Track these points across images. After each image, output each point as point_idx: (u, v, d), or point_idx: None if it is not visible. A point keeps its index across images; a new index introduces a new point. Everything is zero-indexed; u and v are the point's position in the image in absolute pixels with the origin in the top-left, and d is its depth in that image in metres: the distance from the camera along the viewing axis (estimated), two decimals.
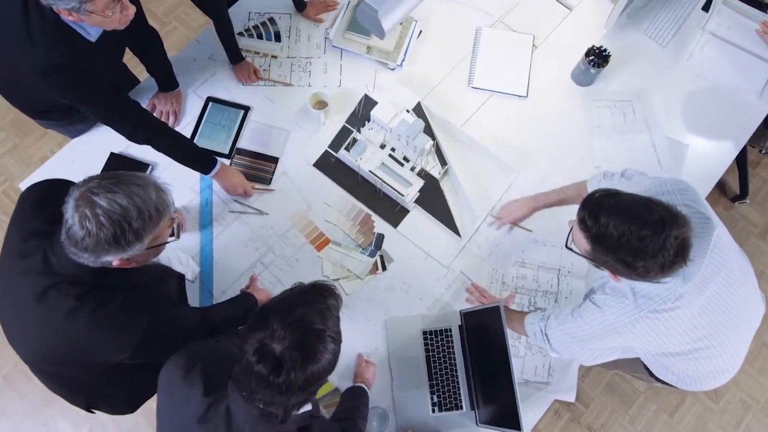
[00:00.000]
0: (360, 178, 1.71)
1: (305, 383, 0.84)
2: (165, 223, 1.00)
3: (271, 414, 0.86)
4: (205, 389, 0.94)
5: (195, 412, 0.93)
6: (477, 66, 1.85)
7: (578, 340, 1.21)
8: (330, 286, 0.96)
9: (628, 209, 1.01)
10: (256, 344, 0.83)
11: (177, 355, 1.00)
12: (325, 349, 0.86)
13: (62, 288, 0.98)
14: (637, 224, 0.98)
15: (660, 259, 0.98)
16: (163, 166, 1.71)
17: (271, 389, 0.83)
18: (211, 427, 0.92)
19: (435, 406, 1.49)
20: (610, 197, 1.05)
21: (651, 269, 0.99)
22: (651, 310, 1.10)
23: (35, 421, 2.13)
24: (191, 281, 1.55)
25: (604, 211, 1.01)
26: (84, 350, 1.03)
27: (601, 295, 1.18)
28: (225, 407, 0.92)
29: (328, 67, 1.85)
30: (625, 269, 1.02)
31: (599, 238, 1.02)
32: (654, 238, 0.97)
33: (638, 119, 1.82)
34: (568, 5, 1.97)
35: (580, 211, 1.06)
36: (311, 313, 0.88)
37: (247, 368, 0.83)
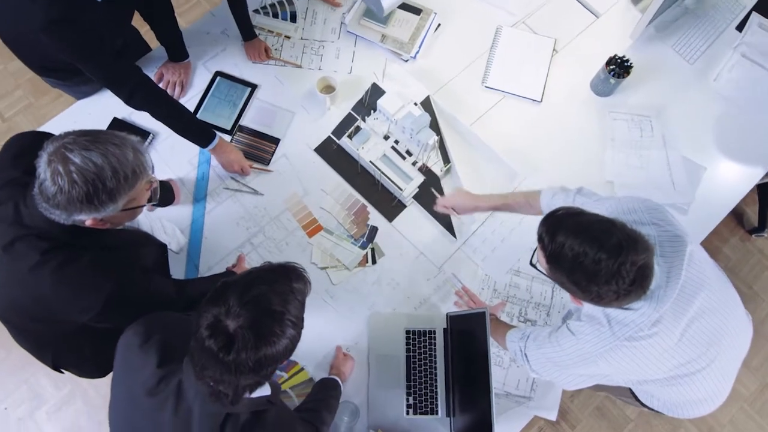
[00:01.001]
0: (360, 168, 1.67)
1: (256, 365, 0.80)
2: (142, 186, 0.98)
3: (221, 393, 0.83)
4: (160, 361, 0.91)
5: (146, 382, 0.90)
6: (493, 65, 1.80)
7: (557, 365, 1.16)
8: (298, 269, 0.92)
9: (587, 230, 0.96)
10: (210, 319, 0.80)
11: (137, 323, 0.97)
12: (282, 333, 0.83)
13: (30, 241, 0.96)
14: (593, 247, 0.93)
15: (614, 286, 0.93)
16: (164, 136, 1.70)
17: (220, 367, 0.79)
18: (161, 399, 0.89)
19: (410, 408, 1.45)
20: (571, 216, 1.00)
21: (605, 295, 0.95)
22: (627, 337, 1.04)
23: (17, 377, 2.14)
24: (176, 252, 1.53)
25: (563, 231, 0.97)
26: (47, 307, 1.01)
27: (576, 322, 1.12)
28: (177, 381, 0.89)
29: (341, 53, 1.82)
30: (579, 292, 0.98)
31: (554, 258, 0.98)
32: (608, 262, 0.92)
33: (655, 136, 1.74)
34: (595, 12, 1.90)
35: (540, 227, 1.02)
36: (272, 293, 0.84)
37: (199, 343, 0.80)
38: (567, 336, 1.12)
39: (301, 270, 0.92)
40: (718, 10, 1.89)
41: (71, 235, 0.96)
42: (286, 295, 0.85)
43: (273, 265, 0.91)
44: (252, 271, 0.89)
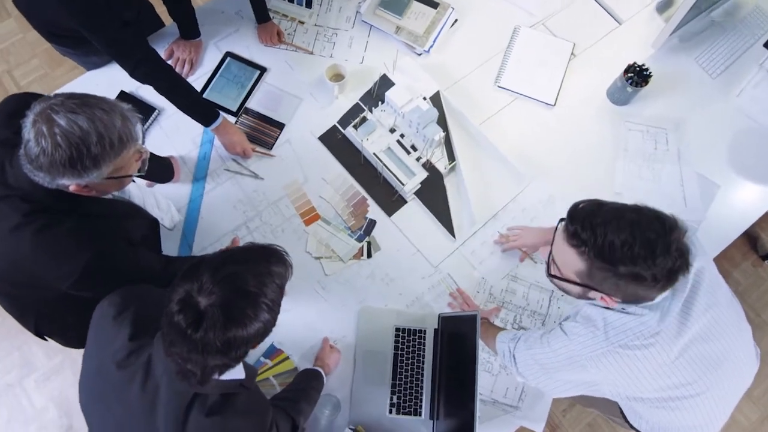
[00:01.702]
0: (363, 159, 1.64)
1: (224, 346, 0.77)
2: (130, 155, 0.96)
3: (188, 372, 0.80)
4: (132, 334, 0.89)
5: (116, 354, 0.88)
6: (507, 66, 1.76)
7: (543, 368, 1.11)
8: (280, 252, 0.89)
9: (623, 215, 0.91)
10: (182, 294, 0.78)
11: (114, 293, 0.95)
12: (255, 316, 0.80)
13: (12, 202, 0.95)
14: (638, 229, 0.89)
15: (667, 263, 0.88)
16: (169, 113, 1.68)
17: (187, 344, 0.77)
18: (130, 373, 0.87)
19: (393, 407, 1.41)
20: (598, 205, 0.95)
21: (660, 276, 0.89)
22: (621, 344, 0.99)
23: (10, 344, 2.15)
24: (169, 229, 1.52)
25: (598, 219, 0.91)
26: (26, 271, 1.00)
27: (570, 323, 1.07)
28: (147, 356, 0.87)
29: (354, 42, 1.79)
30: (630, 283, 0.91)
31: (599, 251, 0.90)
32: (659, 240, 0.88)
33: (670, 149, 1.68)
34: (618, 18, 1.85)
35: (569, 225, 0.95)
36: (248, 274, 0.81)
37: (168, 317, 0.78)
38: (559, 336, 1.07)
39: (283, 253, 0.90)
40: (746, 25, 1.82)
41: (55, 199, 0.95)
42: (263, 277, 0.82)
43: (254, 246, 0.89)
44: (231, 249, 0.87)
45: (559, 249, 0.99)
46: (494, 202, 1.61)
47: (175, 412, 0.85)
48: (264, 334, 0.84)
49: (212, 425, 0.85)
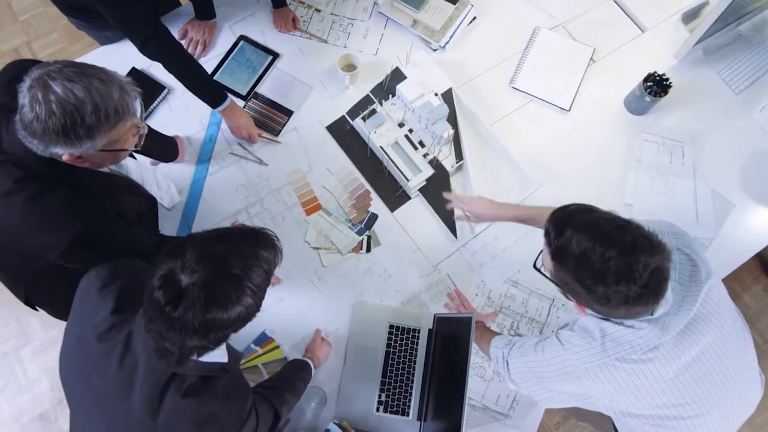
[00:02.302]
0: (369, 152, 1.61)
1: (203, 327, 0.75)
2: (126, 129, 0.94)
3: (166, 350, 0.78)
4: (115, 307, 0.88)
5: (97, 327, 0.87)
6: (524, 67, 1.72)
7: (536, 376, 1.08)
8: (270, 236, 0.87)
9: (598, 226, 0.89)
10: (164, 270, 0.76)
11: (102, 266, 0.94)
12: (237, 300, 0.78)
13: (6, 167, 0.94)
14: (602, 243, 0.86)
15: (623, 287, 0.85)
16: (179, 93, 1.67)
17: (164, 321, 0.75)
18: (109, 347, 0.85)
19: (380, 405, 1.39)
20: (583, 212, 0.93)
21: (612, 297, 0.87)
22: (618, 357, 0.95)
23: (9, 313, 2.16)
24: (167, 209, 1.50)
25: (572, 225, 0.90)
26: (16, 238, 0.99)
27: (567, 332, 1.04)
28: (128, 331, 0.85)
29: (369, 33, 1.76)
30: (584, 293, 0.90)
31: (560, 253, 0.91)
32: (619, 260, 0.85)
33: (686, 163, 1.63)
34: (642, 26, 1.80)
35: (547, 222, 0.95)
36: (234, 255, 0.79)
37: (149, 293, 0.76)
38: (554, 345, 1.04)
39: (273, 238, 0.87)
40: None
41: (48, 167, 0.94)
42: (249, 260, 0.80)
43: (244, 228, 0.87)
44: (221, 228, 0.85)
45: (544, 246, 0.98)
46: None
47: (151, 390, 0.83)
48: (246, 319, 0.82)
49: (187, 407, 0.84)
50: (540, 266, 1.03)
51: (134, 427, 0.85)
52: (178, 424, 0.84)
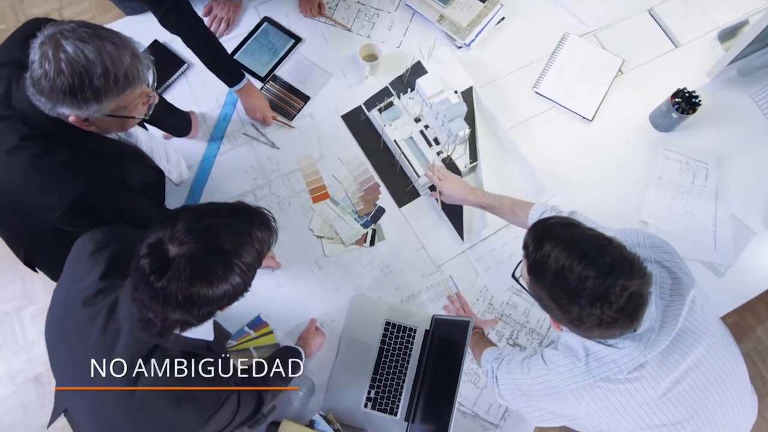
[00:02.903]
0: (382, 145, 1.59)
1: (186, 301, 0.74)
2: (135, 96, 0.93)
3: (150, 321, 0.77)
4: (105, 272, 0.86)
5: (85, 291, 0.86)
6: (549, 72, 1.68)
7: (525, 394, 1.04)
8: (267, 216, 0.85)
9: (577, 243, 0.85)
10: (154, 238, 0.74)
11: (98, 230, 0.93)
12: (225, 277, 0.76)
13: (13, 123, 0.93)
14: (580, 261, 0.82)
15: (597, 310, 0.81)
16: (198, 69, 1.66)
17: (148, 290, 0.73)
18: (94, 312, 0.84)
19: (369, 402, 1.36)
20: (563, 226, 0.89)
21: (586, 319, 0.83)
22: (603, 377, 0.91)
23: (14, 273, 2.18)
24: (175, 184, 1.49)
25: (551, 240, 0.86)
26: (18, 196, 0.98)
27: (551, 351, 1.00)
28: (114, 298, 0.84)
29: (394, 25, 1.73)
30: (558, 312, 0.86)
31: (536, 268, 0.87)
32: (595, 281, 0.81)
33: (708, 186, 1.58)
34: (676, 41, 1.74)
35: (527, 234, 0.92)
36: (226, 230, 0.77)
37: (136, 260, 0.74)
38: (539, 364, 1.01)
39: (270, 218, 0.85)
40: None
41: (55, 127, 0.93)
42: (241, 238, 0.78)
43: (241, 204, 0.85)
44: (216, 203, 0.83)
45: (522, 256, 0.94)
46: None
47: (132, 359, 0.82)
48: (232, 297, 0.80)
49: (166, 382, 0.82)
50: (519, 276, 1.00)
51: (112, 398, 0.83)
52: (155, 399, 0.82)
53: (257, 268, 0.82)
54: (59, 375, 0.93)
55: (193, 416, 0.84)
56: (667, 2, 1.78)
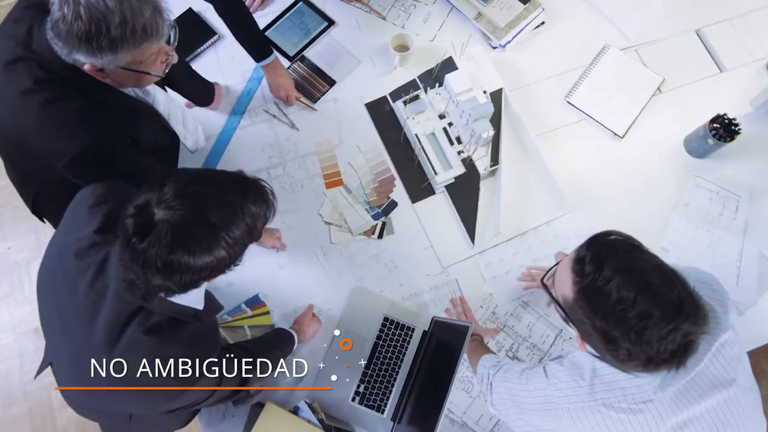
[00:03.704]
0: (403, 138, 1.55)
1: (166, 267, 0.71)
2: (153, 51, 0.91)
3: (134, 283, 0.75)
4: (101, 227, 0.85)
5: (78, 243, 0.84)
6: (584, 83, 1.62)
7: (517, 406, 0.99)
8: (264, 188, 0.81)
9: (645, 274, 0.77)
10: (142, 200, 0.72)
11: (101, 184, 0.92)
12: (208, 249, 0.73)
13: (29, 65, 0.92)
14: (647, 297, 0.75)
15: (651, 351, 0.75)
16: (228, 41, 1.65)
17: (129, 251, 0.72)
18: (84, 265, 0.83)
19: (357, 396, 1.33)
20: (629, 247, 0.82)
21: (634, 357, 0.76)
22: (606, 403, 0.86)
23: (30, 225, 2.20)
24: (190, 151, 1.48)
25: (614, 262, 0.78)
26: (29, 140, 0.97)
27: (555, 365, 0.95)
28: (106, 253, 0.82)
29: (431, 18, 1.70)
30: (601, 342, 0.79)
31: (590, 293, 0.79)
32: (660, 323, 0.74)
33: (738, 219, 1.50)
34: (721, 65, 1.66)
35: (583, 249, 0.83)
36: (214, 200, 0.74)
37: (122, 219, 0.73)
38: (539, 377, 0.96)
39: (267, 191, 0.82)
40: None
41: (70, 74, 0.92)
42: (231, 210, 0.75)
43: (238, 174, 0.81)
44: (210, 169, 0.80)
45: (564, 266, 0.87)
46: (527, 220, 1.49)
47: (115, 318, 0.80)
48: (216, 269, 0.77)
49: (146, 343, 0.80)
50: (549, 283, 0.93)
51: (90, 352, 0.82)
52: (133, 360, 0.80)
53: (248, 242, 0.79)
54: (45, 325, 0.92)
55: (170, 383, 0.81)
56: (716, 24, 1.70)
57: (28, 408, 2.03)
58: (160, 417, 1.09)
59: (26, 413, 2.03)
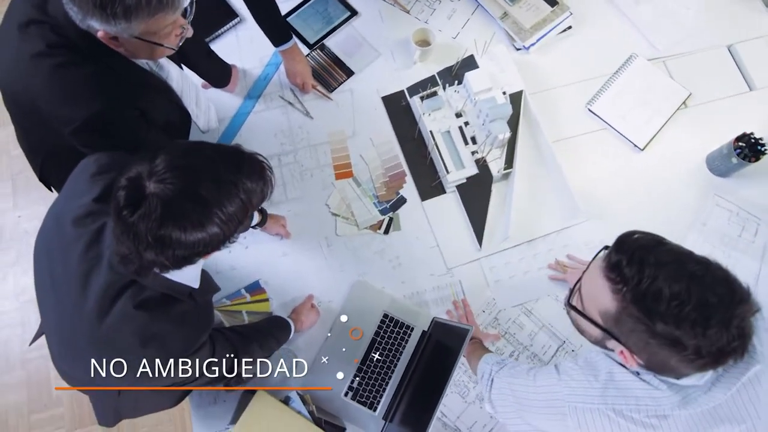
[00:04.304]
0: (417, 133, 1.53)
1: (157, 241, 0.70)
2: (167, 23, 0.89)
3: (127, 257, 0.73)
4: (99, 196, 0.84)
5: (76, 210, 0.83)
6: (607, 92, 1.58)
7: (518, 402, 0.96)
8: (259, 164, 0.79)
9: (684, 264, 0.73)
10: (134, 172, 0.70)
11: (106, 153, 0.91)
12: (200, 225, 0.71)
13: (42, 29, 0.91)
14: (698, 285, 0.71)
15: (722, 340, 0.70)
16: (248, 24, 1.64)
17: (120, 224, 0.70)
18: (79, 233, 0.82)
19: (350, 391, 1.31)
20: (657, 242, 0.77)
21: (704, 353, 0.71)
22: (616, 409, 0.81)
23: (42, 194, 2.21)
24: (202, 131, 1.47)
25: (652, 259, 0.73)
26: (38, 104, 0.96)
27: (568, 363, 0.91)
28: (102, 223, 0.81)
29: (455, 15, 1.67)
30: (664, 347, 0.73)
31: (640, 296, 0.73)
32: (719, 308, 0.70)
33: (756, 243, 1.45)
34: (752, 83, 1.61)
35: (613, 254, 0.77)
36: (208, 174, 0.72)
37: (114, 191, 0.71)
38: (549, 373, 0.92)
39: (264, 166, 0.79)
40: None
41: (84, 40, 0.91)
42: (225, 186, 0.73)
43: (231, 148, 0.79)
44: (205, 142, 0.78)
45: (592, 279, 0.81)
46: (537, 227, 1.45)
47: (107, 290, 0.79)
48: (210, 245, 0.75)
49: (136, 318, 0.78)
50: (578, 305, 0.86)
51: (80, 322, 0.81)
52: (122, 333, 0.79)
53: (243, 220, 0.77)
54: (39, 292, 0.91)
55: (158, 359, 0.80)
56: (749, 41, 1.65)
57: (26, 376, 2.05)
58: (147, 396, 1.08)
59: (23, 381, 2.04)
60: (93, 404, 1.13)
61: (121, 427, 1.98)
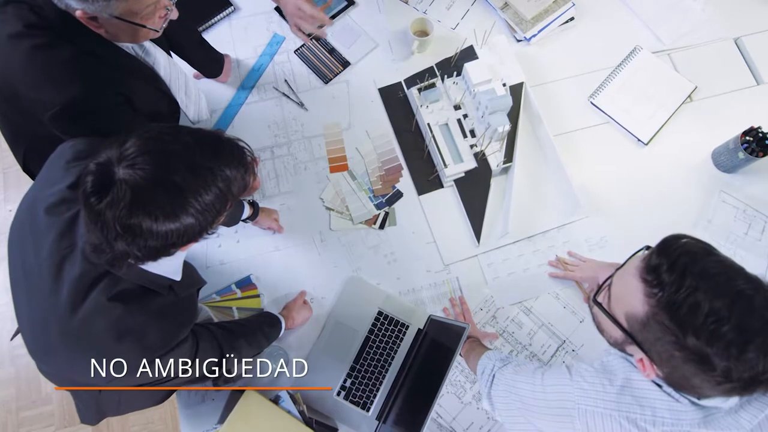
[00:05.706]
0: (414, 126, 1.48)
1: (126, 231, 0.65)
2: (150, 2, 0.85)
3: (98, 247, 0.69)
4: (74, 183, 0.79)
5: (49, 198, 0.79)
6: (610, 85, 1.53)
7: (522, 402, 0.91)
8: (239, 150, 0.74)
9: (732, 280, 0.67)
10: (103, 157, 0.66)
11: (82, 139, 0.86)
12: (173, 214, 0.66)
13: (21, 9, 0.87)
14: (742, 306, 0.65)
15: (757, 368, 0.65)
16: (243, 14, 1.60)
17: (87, 211, 0.66)
18: (52, 222, 0.77)
19: (343, 391, 1.27)
20: (706, 252, 0.71)
21: (734, 377, 0.66)
22: (629, 417, 0.76)
23: None
24: (191, 120, 1.43)
25: (697, 269, 0.68)
26: (16, 89, 0.92)
27: (582, 364, 0.86)
28: (76, 212, 0.76)
29: (454, 6, 1.63)
30: (690, 362, 0.68)
31: (675, 306, 0.68)
32: (762, 333, 0.65)
33: (763, 241, 1.41)
34: (759, 77, 1.57)
35: (655, 256, 0.72)
36: (182, 160, 0.67)
37: (83, 177, 0.67)
38: (560, 374, 0.87)
39: (245, 152, 0.75)
40: None
41: (62, 21, 0.87)
42: (202, 174, 0.68)
43: (210, 132, 0.74)
44: (182, 126, 0.73)
45: (625, 277, 0.76)
46: (537, 223, 1.41)
47: (80, 280, 0.74)
48: (184, 237, 0.70)
49: (109, 311, 0.74)
50: (604, 302, 0.80)
51: (52, 315, 0.76)
52: (95, 326, 0.74)
53: (221, 210, 0.73)
54: (13, 284, 0.87)
55: (134, 353, 0.75)
56: (757, 34, 1.61)
57: (15, 372, 2.01)
58: (131, 393, 1.04)
59: (12, 377, 2.01)
60: (75, 401, 1.09)
61: (112, 426, 1.95)
